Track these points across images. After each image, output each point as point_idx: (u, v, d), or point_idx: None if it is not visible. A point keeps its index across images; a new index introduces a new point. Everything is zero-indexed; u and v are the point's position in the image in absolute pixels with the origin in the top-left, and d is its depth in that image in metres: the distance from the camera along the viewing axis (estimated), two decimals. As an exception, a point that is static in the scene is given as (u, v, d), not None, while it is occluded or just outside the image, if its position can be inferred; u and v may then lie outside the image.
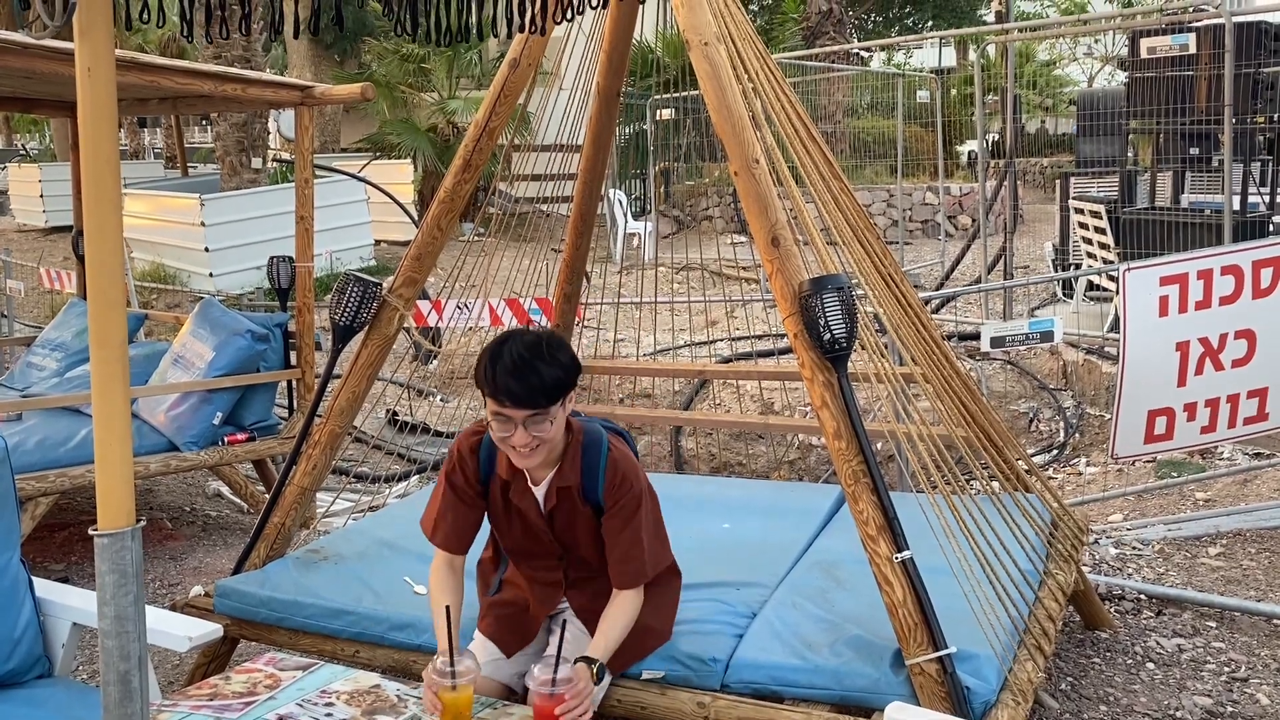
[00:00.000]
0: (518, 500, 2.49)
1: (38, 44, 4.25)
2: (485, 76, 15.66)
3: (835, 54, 15.74)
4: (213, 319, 5.03)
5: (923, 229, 15.00)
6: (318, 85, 5.06)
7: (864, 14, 27.70)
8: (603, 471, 2.43)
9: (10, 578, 2.73)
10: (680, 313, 9.39)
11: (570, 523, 2.49)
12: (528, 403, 2.24)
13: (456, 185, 3.19)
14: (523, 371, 2.23)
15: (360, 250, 12.16)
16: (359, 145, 15.82)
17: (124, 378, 1.68)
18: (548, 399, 2.26)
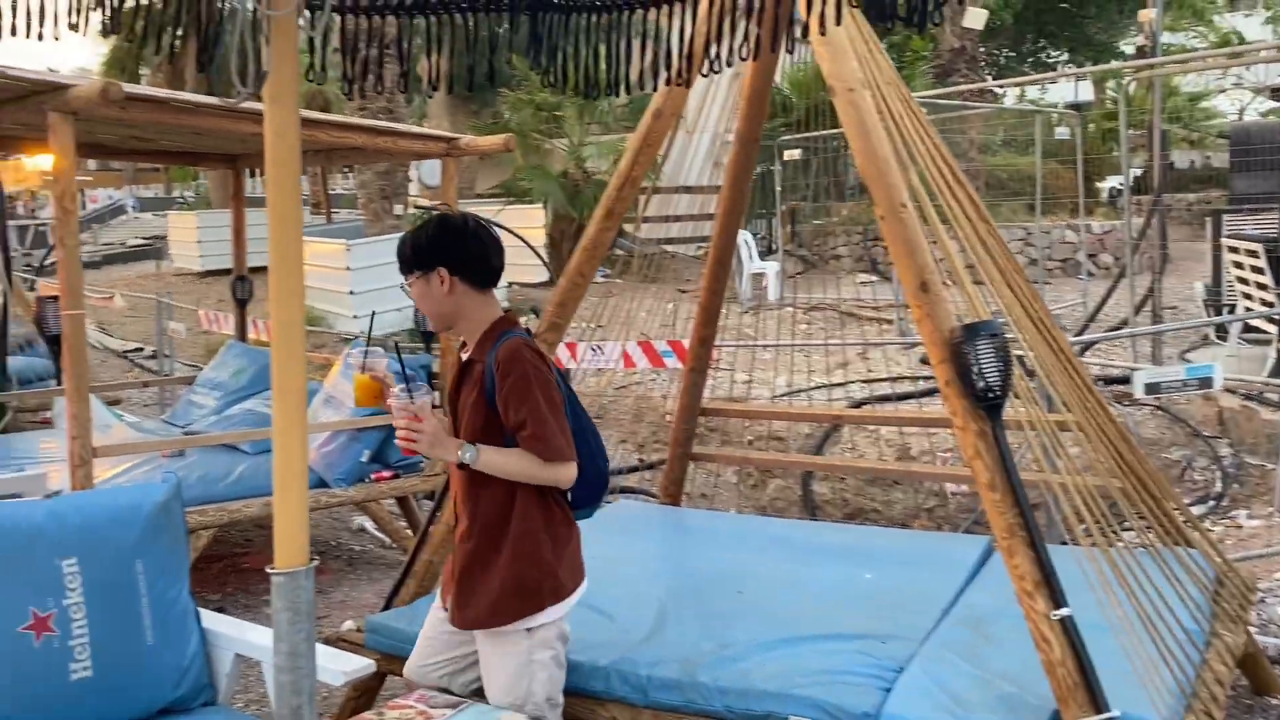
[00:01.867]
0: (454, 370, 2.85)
1: (207, 103, 4.55)
2: (616, 122, 15.97)
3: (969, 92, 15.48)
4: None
5: (1062, 268, 14.53)
6: (463, 137, 5.25)
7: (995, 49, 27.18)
8: (494, 353, 2.61)
9: (180, 608, 2.88)
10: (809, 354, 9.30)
11: (465, 397, 2.70)
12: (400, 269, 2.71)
13: (599, 233, 3.25)
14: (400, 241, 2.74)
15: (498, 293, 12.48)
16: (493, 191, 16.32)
17: (303, 424, 1.76)
18: (404, 267, 2.69)
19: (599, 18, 2.95)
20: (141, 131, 5.22)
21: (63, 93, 3.96)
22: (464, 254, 2.66)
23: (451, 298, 2.65)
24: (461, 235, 2.69)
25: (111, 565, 2.75)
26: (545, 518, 2.67)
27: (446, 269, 2.62)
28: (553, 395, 2.61)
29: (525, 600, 2.61)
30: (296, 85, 1.74)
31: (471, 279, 2.67)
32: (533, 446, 2.55)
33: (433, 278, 2.64)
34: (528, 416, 2.54)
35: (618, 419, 8.03)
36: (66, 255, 4.13)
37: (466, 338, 2.76)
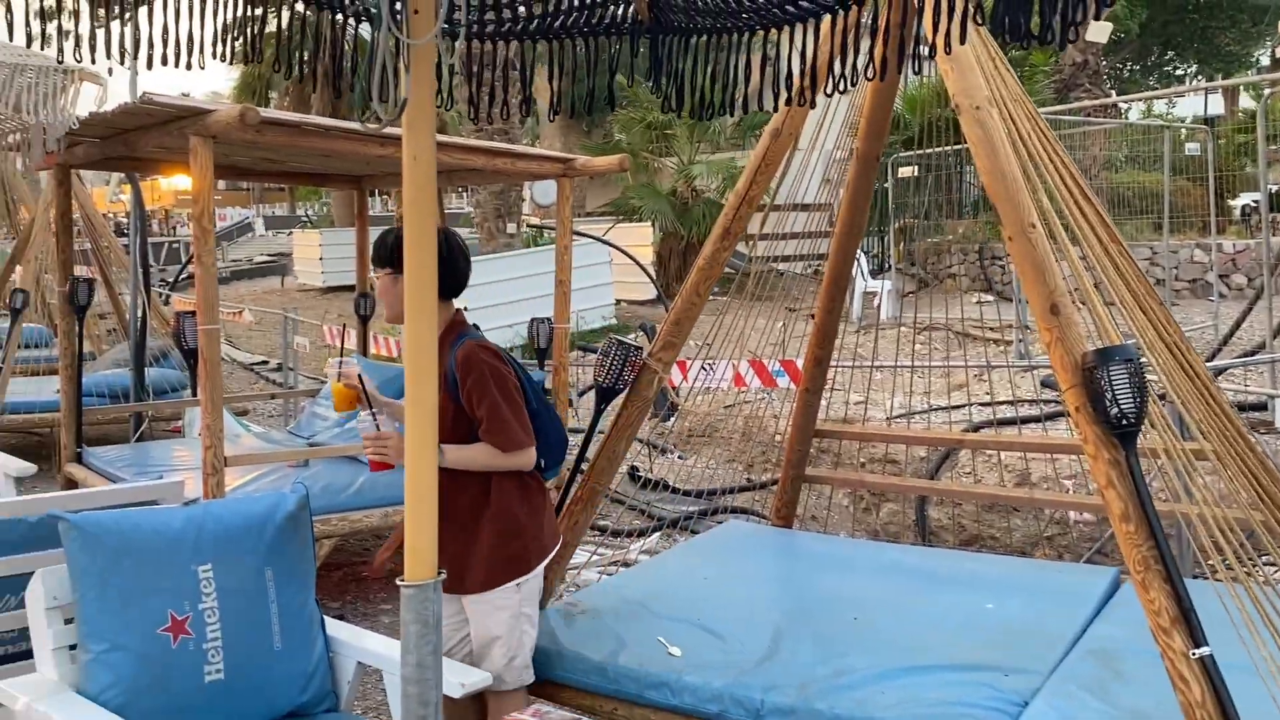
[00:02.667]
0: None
1: (337, 126, 4.72)
2: (726, 140, 15.99)
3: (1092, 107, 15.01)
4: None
5: (1190, 289, 13.93)
6: (578, 158, 5.33)
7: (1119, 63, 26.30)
8: (454, 355, 2.90)
9: (306, 616, 2.97)
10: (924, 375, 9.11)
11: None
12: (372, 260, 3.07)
13: (716, 253, 3.25)
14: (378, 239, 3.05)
15: (602, 310, 12.59)
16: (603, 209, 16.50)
17: (433, 440, 1.80)
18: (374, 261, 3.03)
19: (719, 39, 2.97)
20: (273, 154, 5.45)
21: (203, 118, 4.16)
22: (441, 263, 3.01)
23: None
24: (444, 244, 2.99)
25: (244, 572, 2.86)
26: (520, 492, 2.98)
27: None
28: (508, 390, 2.91)
29: (513, 565, 2.95)
30: (433, 111, 1.79)
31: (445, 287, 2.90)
32: (492, 439, 2.88)
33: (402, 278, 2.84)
34: (486, 413, 2.86)
35: (725, 438, 8.00)
36: (204, 273, 4.33)
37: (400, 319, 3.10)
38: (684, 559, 4.02)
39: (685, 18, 2.93)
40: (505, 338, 11.83)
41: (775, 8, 2.59)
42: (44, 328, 10.60)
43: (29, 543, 3.17)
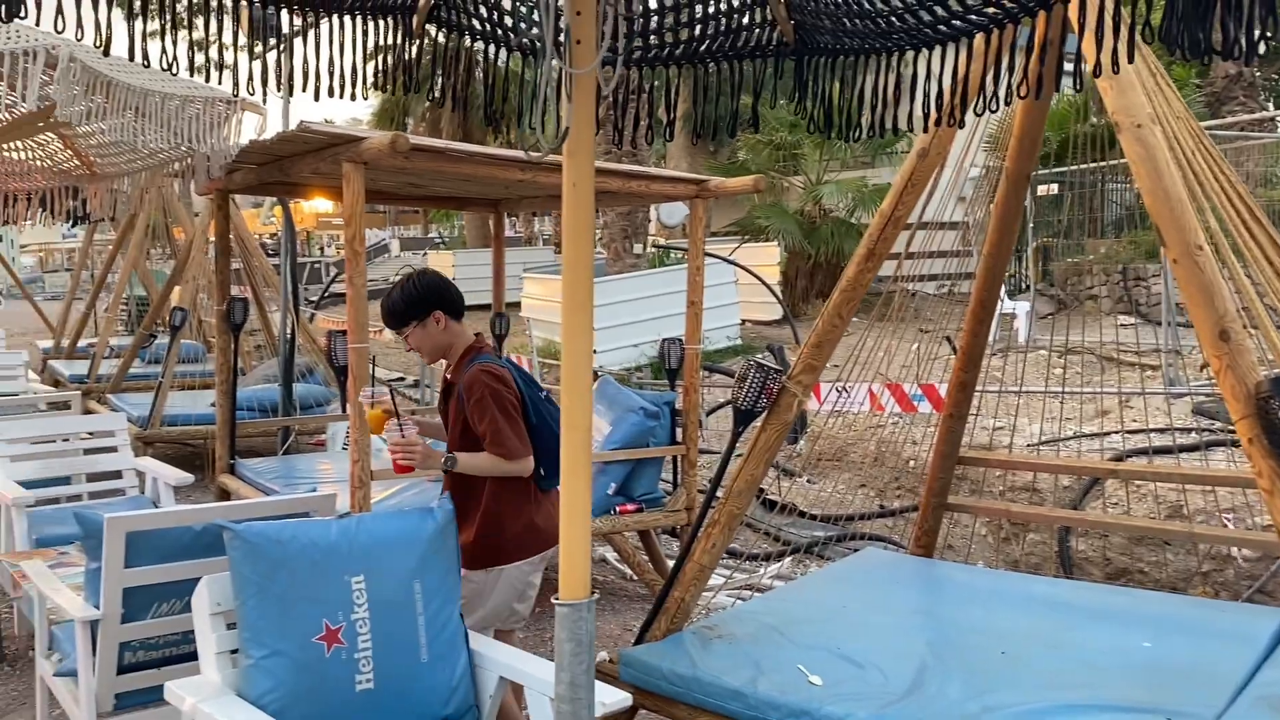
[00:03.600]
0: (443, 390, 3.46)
1: (479, 152, 4.85)
2: (855, 159, 15.80)
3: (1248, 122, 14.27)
4: (609, 395, 5.39)
5: (1358, 311, 13.06)
6: (712, 179, 5.34)
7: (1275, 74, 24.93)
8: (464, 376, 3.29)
9: (451, 629, 3.04)
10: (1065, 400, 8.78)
11: (452, 412, 3.37)
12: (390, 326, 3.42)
13: (859, 274, 3.21)
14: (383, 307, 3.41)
15: (727, 330, 12.56)
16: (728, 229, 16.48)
17: (588, 461, 1.82)
18: (395, 322, 3.36)
19: (866, 60, 2.94)
20: (418, 178, 5.63)
21: (357, 145, 4.33)
22: (445, 296, 3.38)
23: (447, 333, 3.37)
24: (437, 283, 3.42)
25: (393, 584, 2.95)
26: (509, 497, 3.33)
27: (440, 311, 3.34)
28: (505, 407, 3.24)
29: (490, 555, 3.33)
30: (593, 139, 1.82)
31: (453, 314, 3.38)
32: (494, 451, 3.24)
33: (429, 321, 3.34)
34: (488, 429, 3.22)
35: (857, 463, 7.86)
36: (354, 293, 4.49)
37: (450, 362, 3.42)
38: (821, 586, 3.95)
39: (832, 39, 2.91)
40: (630, 357, 11.91)
41: (927, 28, 2.55)
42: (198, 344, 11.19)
43: (194, 550, 3.35)
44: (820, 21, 2.86)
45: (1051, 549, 6.30)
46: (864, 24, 2.75)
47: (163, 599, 3.34)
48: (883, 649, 3.20)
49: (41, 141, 5.64)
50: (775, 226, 14.53)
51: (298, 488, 5.65)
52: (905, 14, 2.49)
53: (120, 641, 3.26)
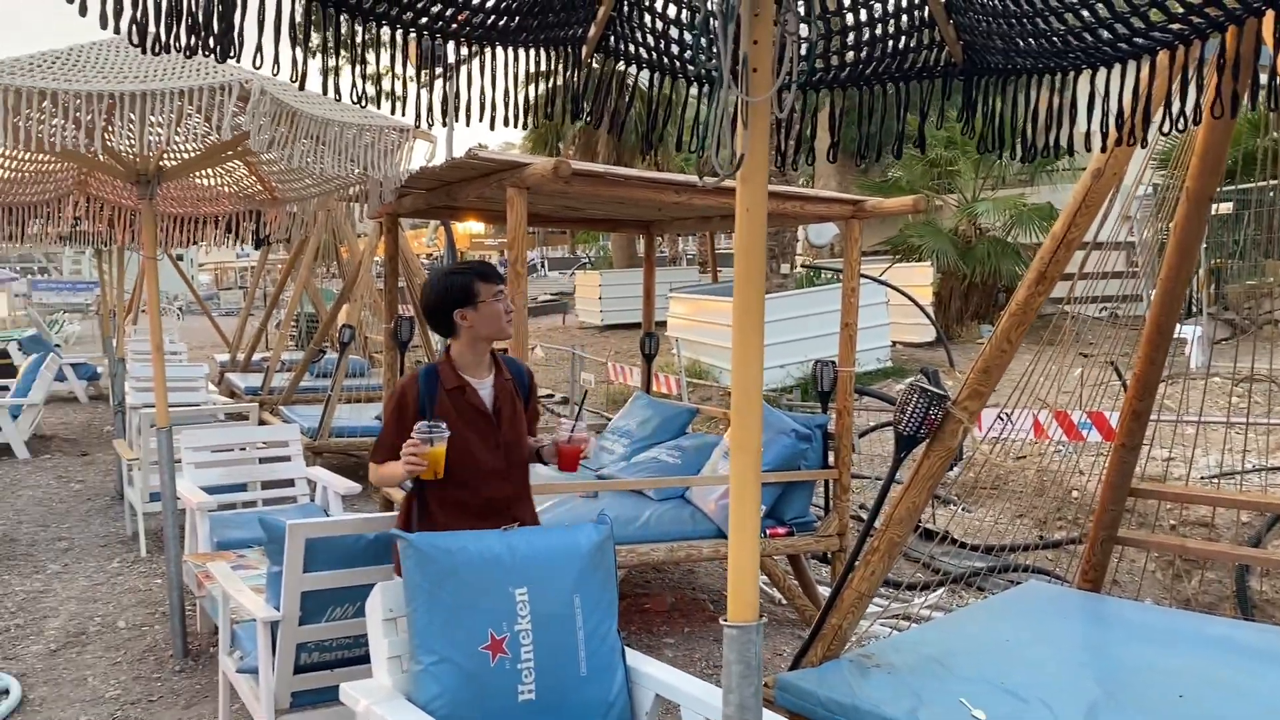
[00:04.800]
0: (471, 399, 3.23)
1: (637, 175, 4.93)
2: (1013, 177, 15.32)
3: None
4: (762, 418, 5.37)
5: None
6: (869, 199, 5.28)
7: None
8: (523, 370, 3.42)
9: (609, 645, 3.09)
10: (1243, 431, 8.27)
11: (512, 414, 3.29)
12: (501, 280, 3.30)
13: (1029, 298, 3.12)
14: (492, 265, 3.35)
15: (878, 352, 12.34)
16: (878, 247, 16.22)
17: (757, 483, 1.83)
18: (498, 279, 3.29)
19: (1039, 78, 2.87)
20: (574, 201, 5.77)
21: (521, 170, 4.47)
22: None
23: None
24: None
25: (555, 597, 3.02)
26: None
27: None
28: None
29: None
30: (767, 165, 1.84)
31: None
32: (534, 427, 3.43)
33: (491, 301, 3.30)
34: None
35: (1016, 491, 7.59)
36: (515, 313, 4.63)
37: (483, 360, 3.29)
38: (982, 618, 3.84)
39: (1004, 59, 2.85)
40: (777, 378, 11.84)
41: (1107, 45, 2.47)
42: (362, 360, 11.71)
43: (366, 557, 3.51)
44: (991, 41, 2.81)
45: (1228, 588, 5.93)
46: (1039, 43, 2.69)
47: (337, 603, 3.51)
48: (1049, 685, 3.09)
49: (229, 168, 6.04)
50: (928, 246, 14.21)
51: (456, 500, 5.84)
52: (1084, 32, 2.42)
53: (297, 642, 3.44)
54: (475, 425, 3.25)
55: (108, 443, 10.53)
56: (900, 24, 2.85)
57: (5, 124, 3.94)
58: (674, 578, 6.17)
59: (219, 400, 9.75)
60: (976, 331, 14.47)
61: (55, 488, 8.81)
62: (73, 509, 8.02)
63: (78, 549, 6.83)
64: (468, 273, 3.25)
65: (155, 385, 4.93)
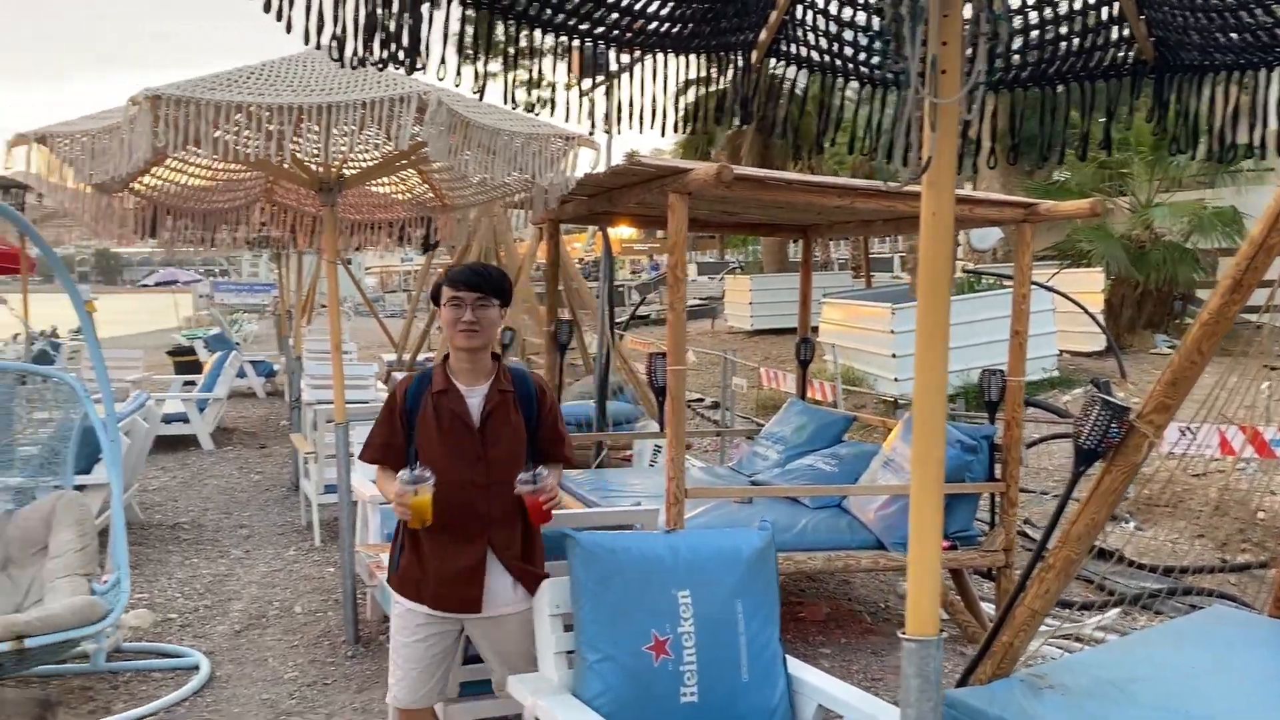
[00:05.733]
0: (452, 404, 3.13)
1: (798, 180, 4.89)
2: (1190, 178, 14.48)
3: None
4: (923, 427, 5.24)
5: None
6: (1042, 203, 5.09)
7: None
8: (531, 384, 3.25)
9: (770, 652, 3.07)
10: None
11: (499, 425, 3.13)
12: (476, 287, 3.09)
13: (1224, 307, 2.94)
14: (477, 269, 3.17)
15: (1043, 361, 11.86)
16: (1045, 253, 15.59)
17: (939, 495, 1.79)
18: (491, 289, 3.11)
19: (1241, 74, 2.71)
20: (733, 206, 5.77)
21: (683, 176, 4.50)
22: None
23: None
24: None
25: (717, 601, 3.03)
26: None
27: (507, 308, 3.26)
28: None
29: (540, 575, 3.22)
30: (954, 169, 1.80)
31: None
32: (567, 452, 3.30)
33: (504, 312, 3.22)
34: (563, 431, 3.30)
35: (1194, 510, 7.17)
36: (675, 317, 4.66)
37: (478, 369, 3.17)
38: (1161, 643, 3.63)
39: (1200, 55, 2.71)
40: (936, 387, 11.53)
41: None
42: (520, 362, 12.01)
43: (531, 554, 3.59)
44: (1188, 37, 2.67)
45: None
46: (1242, 38, 2.54)
47: (503, 597, 3.61)
48: (1238, 718, 2.90)
49: (403, 176, 6.30)
50: (1099, 251, 13.56)
51: (612, 500, 5.92)
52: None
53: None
54: (453, 433, 3.11)
55: (284, 436, 11.14)
56: (1087, 21, 2.74)
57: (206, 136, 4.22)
58: (829, 587, 6.09)
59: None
60: (1150, 340, 13.72)
61: (237, 478, 9.37)
62: (253, 498, 8.52)
63: (257, 536, 7.25)
64: (448, 274, 3.21)
65: (334, 383, 5.19)
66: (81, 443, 5.34)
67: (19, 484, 5.08)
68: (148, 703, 4.38)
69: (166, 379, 13.06)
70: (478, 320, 3.09)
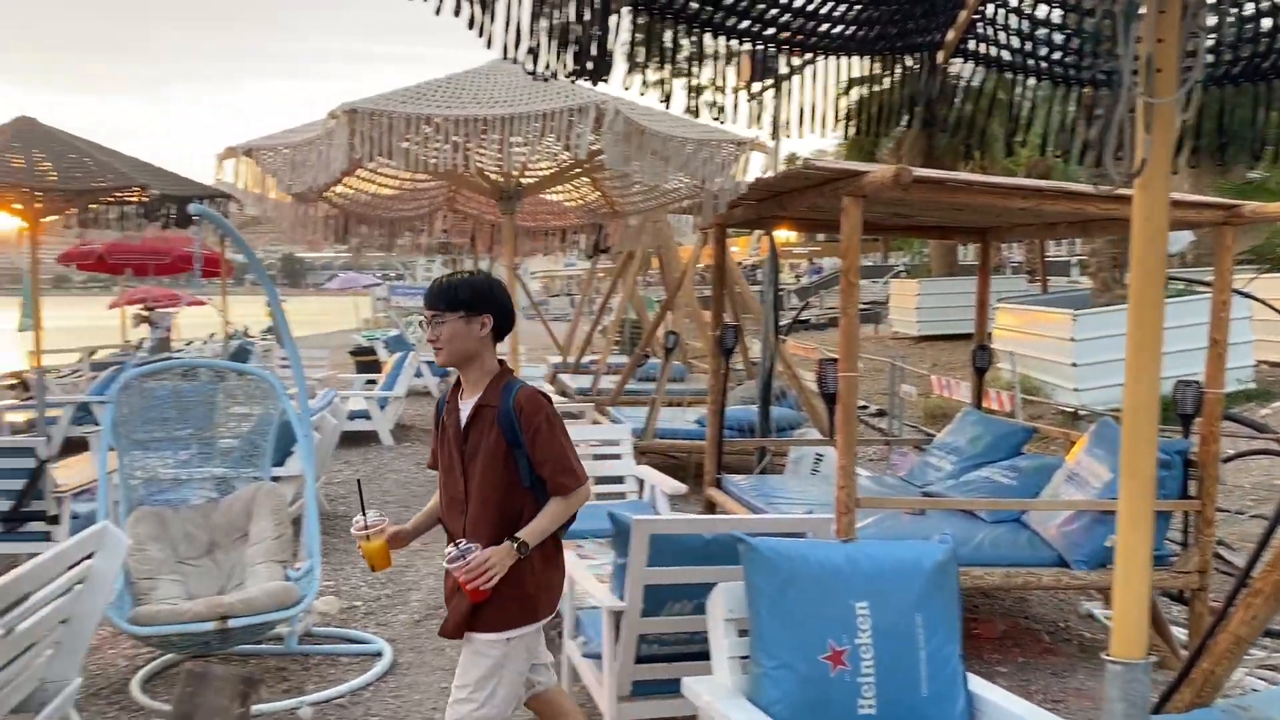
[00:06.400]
0: (448, 414, 3.15)
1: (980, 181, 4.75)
2: None
3: None
4: (1110, 440, 5.00)
5: None
6: (1246, 204, 4.77)
7: None
8: (512, 399, 3.02)
9: (951, 668, 2.99)
10: None
11: (479, 439, 3.04)
12: (430, 304, 3.05)
13: None
14: (433, 285, 3.08)
15: (1239, 372, 11.11)
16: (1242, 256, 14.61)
17: (1149, 512, 1.71)
18: (443, 303, 3.01)
19: None
20: (906, 209, 5.65)
21: (858, 179, 4.44)
22: (504, 308, 3.10)
23: (481, 344, 3.07)
24: (505, 293, 3.13)
25: (896, 614, 2.96)
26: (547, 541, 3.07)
27: (491, 317, 3.05)
28: (561, 429, 3.06)
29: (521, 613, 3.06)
30: (1168, 171, 1.72)
31: (499, 330, 3.10)
32: (560, 478, 3.01)
33: (475, 321, 3.04)
34: (555, 454, 3.00)
35: None
36: (847, 322, 4.60)
37: (472, 381, 3.11)
38: (1386, 679, 3.35)
39: None
40: (1115, 396, 10.94)
41: None
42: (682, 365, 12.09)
43: (702, 557, 3.62)
44: None
45: None
46: None
47: (674, 599, 3.64)
48: None
49: (576, 184, 6.46)
50: (1303, 254, 12.62)
51: (776, 506, 5.89)
52: None
53: (639, 634, 3.61)
54: (447, 445, 3.15)
55: (456, 435, 11.55)
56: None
57: (397, 147, 4.43)
58: (1005, 604, 5.88)
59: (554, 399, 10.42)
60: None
61: (414, 473, 9.79)
62: (429, 493, 8.84)
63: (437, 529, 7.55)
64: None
65: (509, 384, 5.35)
66: (277, 436, 5.69)
67: (222, 474, 5.45)
68: (337, 685, 4.63)
69: (349, 377, 13.77)
70: (437, 337, 3.06)
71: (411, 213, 6.60)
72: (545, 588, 3.13)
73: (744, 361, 10.59)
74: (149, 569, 4.71)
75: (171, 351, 16.29)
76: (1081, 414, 11.00)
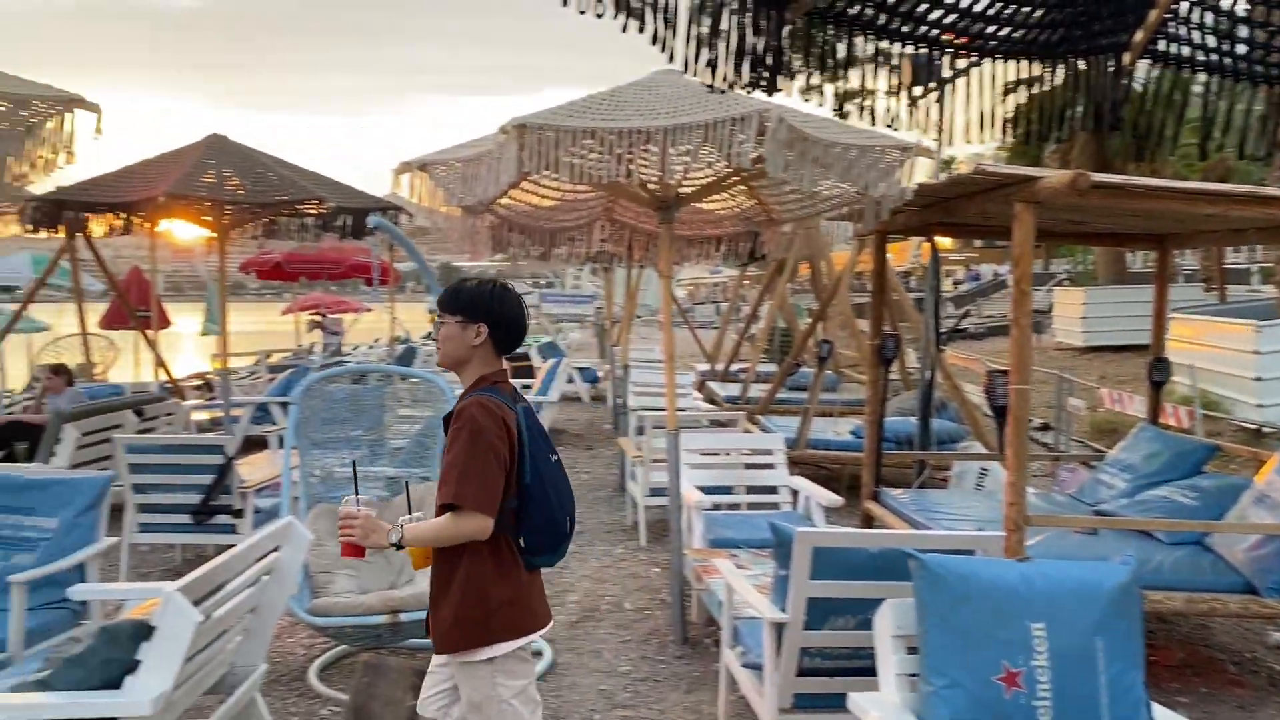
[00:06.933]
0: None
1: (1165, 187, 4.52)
2: None
3: None
4: (1304, 460, 4.67)
5: None
6: None
7: None
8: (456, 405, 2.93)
9: (1135, 696, 2.86)
10: None
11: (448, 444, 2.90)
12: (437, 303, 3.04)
13: None
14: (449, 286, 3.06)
15: None
16: None
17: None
18: (446, 306, 3.00)
19: None
20: (1081, 215, 5.43)
21: (1032, 184, 4.30)
22: (504, 320, 3.00)
23: (475, 350, 2.99)
24: (507, 304, 3.01)
25: (1074, 637, 2.85)
26: (495, 562, 2.88)
27: (487, 326, 2.97)
28: (484, 448, 2.80)
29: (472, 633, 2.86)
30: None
31: (499, 342, 3.00)
32: (441, 489, 2.81)
33: (470, 328, 2.97)
34: (450, 462, 2.82)
35: None
36: (1019, 333, 4.45)
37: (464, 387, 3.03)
38: None
39: None
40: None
41: None
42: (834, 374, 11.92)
43: (867, 571, 3.56)
44: None
45: None
46: None
47: (838, 613, 3.60)
48: None
49: (733, 192, 6.46)
50: None
51: (938, 522, 5.74)
52: None
53: (801, 646, 3.58)
54: None
55: (607, 439, 11.71)
56: None
57: (562, 160, 4.54)
58: (1182, 630, 5.56)
59: (703, 407, 10.45)
60: None
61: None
62: (582, 497, 9.02)
63: (588, 533, 7.67)
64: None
65: (667, 392, 5.40)
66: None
67: (393, 474, 5.68)
68: (499, 682, 4.75)
69: (504, 383, 14.10)
70: (440, 339, 3.06)
71: (571, 223, 6.73)
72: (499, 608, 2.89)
73: (900, 372, 10.37)
74: (326, 563, 4.95)
75: (344, 356, 17.12)
76: (1266, 431, 10.30)
